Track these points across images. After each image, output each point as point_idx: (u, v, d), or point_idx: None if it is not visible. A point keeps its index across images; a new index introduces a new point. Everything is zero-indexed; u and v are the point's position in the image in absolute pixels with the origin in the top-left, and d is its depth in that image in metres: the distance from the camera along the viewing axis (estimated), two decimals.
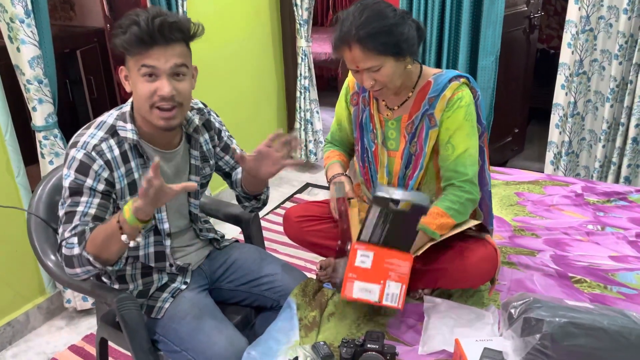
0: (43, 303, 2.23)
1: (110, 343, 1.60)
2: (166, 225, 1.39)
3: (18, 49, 1.85)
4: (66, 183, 1.26)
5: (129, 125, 1.30)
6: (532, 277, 1.65)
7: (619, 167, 2.66)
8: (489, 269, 1.44)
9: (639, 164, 2.61)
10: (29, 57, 1.86)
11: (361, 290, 1.35)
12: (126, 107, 1.33)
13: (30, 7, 1.83)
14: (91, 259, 1.20)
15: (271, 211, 3.12)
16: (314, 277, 1.57)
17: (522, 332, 1.18)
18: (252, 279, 1.53)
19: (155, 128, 1.30)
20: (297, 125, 3.50)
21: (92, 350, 2.07)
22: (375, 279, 1.35)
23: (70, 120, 3.46)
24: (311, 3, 3.21)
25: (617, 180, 2.67)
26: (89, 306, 2.24)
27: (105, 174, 1.26)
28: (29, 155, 2.17)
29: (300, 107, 3.44)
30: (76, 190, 1.25)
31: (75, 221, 1.24)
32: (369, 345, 1.27)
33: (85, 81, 3.55)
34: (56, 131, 2.02)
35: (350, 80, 1.60)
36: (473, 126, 1.45)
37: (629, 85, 2.50)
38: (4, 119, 1.98)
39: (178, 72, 1.25)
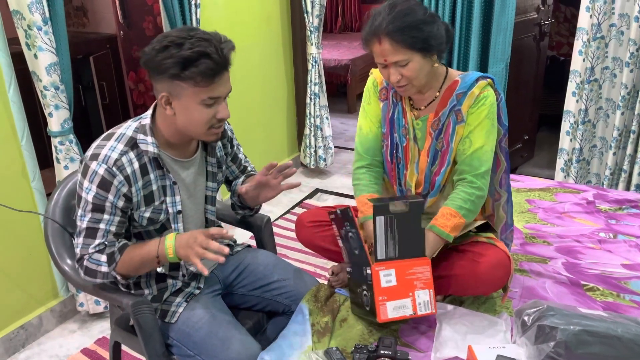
0: (56, 306, 2.25)
1: (123, 347, 1.61)
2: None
3: (35, 56, 1.88)
4: (88, 197, 1.26)
5: (150, 139, 1.30)
6: (544, 285, 1.65)
7: (630, 175, 2.65)
8: (501, 276, 1.44)
9: None
10: (46, 64, 1.89)
11: (395, 309, 1.36)
12: (145, 120, 1.32)
13: (47, 14, 1.86)
14: (118, 277, 1.32)
15: (281, 216, 3.13)
16: (324, 283, 1.57)
17: (535, 339, 1.18)
18: (264, 284, 1.54)
19: (178, 140, 1.33)
20: (306, 131, 3.52)
21: (104, 353, 2.08)
22: (404, 294, 1.36)
23: (82, 126, 3.50)
24: (322, 10, 3.23)
25: (627, 188, 2.66)
26: (102, 310, 2.26)
27: (124, 189, 1.27)
28: (42, 159, 2.20)
29: (310, 113, 3.46)
30: (98, 207, 1.26)
31: (99, 238, 1.28)
32: (381, 351, 1.28)
33: (98, 87, 3.59)
34: (71, 136, 2.05)
35: (376, 77, 1.61)
36: (493, 125, 1.47)
37: None
38: (20, 124, 2.01)
39: None
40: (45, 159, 2.35)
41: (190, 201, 1.43)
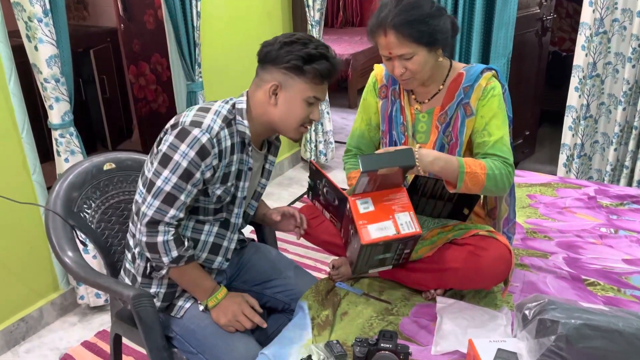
0: (57, 299, 2.25)
1: (123, 339, 1.61)
2: (240, 220, 1.44)
3: (36, 48, 1.88)
4: (182, 162, 1.25)
5: (246, 122, 1.34)
6: (545, 280, 1.65)
7: (632, 171, 2.65)
8: (502, 270, 1.43)
9: None
10: (46, 56, 1.89)
11: (377, 230, 1.34)
12: (242, 104, 1.36)
13: (48, 6, 1.85)
14: (164, 271, 1.37)
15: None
16: (325, 277, 1.57)
17: (536, 333, 1.18)
18: (265, 280, 1.55)
19: (262, 131, 1.39)
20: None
21: (105, 346, 2.09)
22: (384, 217, 1.36)
23: (83, 119, 3.49)
24: (323, 4, 3.22)
25: (629, 184, 2.66)
26: (102, 302, 2.27)
27: (215, 162, 1.29)
28: (42, 152, 2.19)
29: None
30: (188, 174, 1.26)
31: (175, 209, 1.28)
32: (382, 345, 1.27)
33: (98, 80, 3.59)
34: (72, 129, 2.04)
35: (377, 74, 1.61)
36: (505, 115, 1.47)
37: None
38: (21, 117, 2.00)
39: None
40: (45, 152, 2.35)
41: (249, 187, 1.46)
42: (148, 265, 1.38)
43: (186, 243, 1.33)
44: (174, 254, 1.30)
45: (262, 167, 1.50)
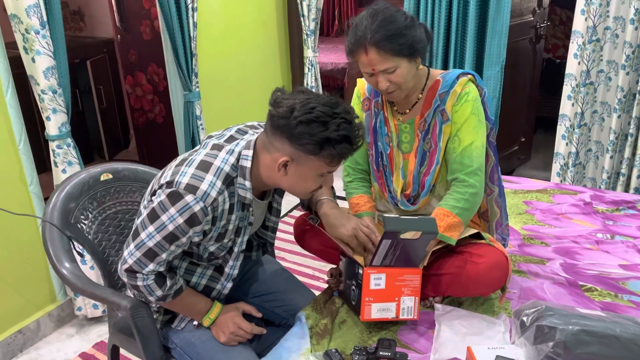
0: (54, 310, 2.24)
1: (121, 351, 1.60)
2: (235, 271, 1.39)
3: (33, 60, 1.88)
4: (169, 225, 1.19)
5: (248, 183, 1.25)
6: (543, 286, 1.65)
7: (629, 178, 2.66)
8: (500, 277, 1.44)
9: None
10: (43, 68, 1.89)
11: (379, 311, 1.39)
12: (246, 162, 1.24)
13: (45, 18, 1.86)
14: (161, 303, 1.33)
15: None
16: (324, 285, 1.57)
17: (534, 339, 1.18)
18: (265, 294, 1.55)
19: (269, 187, 1.32)
20: None
21: (103, 357, 2.08)
22: (391, 298, 1.39)
23: (79, 130, 3.50)
24: (318, 14, 3.24)
25: (626, 191, 2.67)
26: (100, 314, 2.26)
27: (207, 227, 1.23)
28: (40, 163, 2.19)
29: None
30: (173, 238, 1.21)
31: (155, 264, 1.24)
32: (381, 353, 1.28)
33: (95, 91, 3.59)
34: (69, 140, 2.05)
35: (360, 88, 1.62)
36: (480, 121, 1.48)
37: (637, 95, 2.51)
38: (18, 128, 2.00)
39: None
40: (42, 163, 2.35)
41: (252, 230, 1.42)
42: None
43: (168, 282, 1.28)
44: (158, 293, 1.28)
45: (269, 205, 1.45)
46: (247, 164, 1.24)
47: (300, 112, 1.15)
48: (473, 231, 1.52)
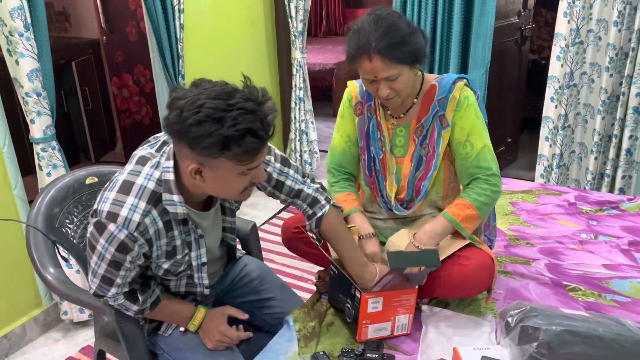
0: (39, 315, 2.22)
1: (108, 355, 1.59)
2: (205, 282, 1.36)
3: (17, 62, 1.86)
4: (105, 254, 1.16)
5: (176, 197, 1.16)
6: (528, 286, 1.67)
7: (613, 179, 2.69)
8: (485, 278, 1.45)
9: (632, 175, 2.65)
10: (27, 70, 1.87)
11: (375, 331, 1.42)
12: (168, 175, 1.15)
13: (29, 20, 1.84)
14: (140, 316, 1.32)
15: (267, 221, 3.13)
16: (312, 287, 1.57)
17: (519, 340, 1.20)
18: (255, 299, 1.54)
19: (204, 196, 1.24)
20: (292, 135, 3.52)
21: None
22: (387, 318, 1.41)
23: (65, 132, 3.46)
24: (306, 15, 3.24)
25: (611, 192, 2.70)
26: (86, 318, 2.24)
27: (145, 249, 1.18)
28: (24, 166, 2.17)
29: (295, 118, 3.46)
30: (115, 265, 1.18)
31: (115, 287, 1.22)
32: (368, 355, 1.28)
33: (81, 92, 3.56)
34: (54, 143, 2.03)
35: (351, 91, 1.61)
36: (484, 123, 1.50)
37: (621, 97, 2.54)
38: (2, 131, 1.98)
39: None
40: (27, 166, 2.32)
41: (209, 238, 1.36)
42: None
43: (141, 297, 1.26)
44: (134, 309, 1.27)
45: (222, 207, 1.37)
46: (170, 176, 1.14)
47: (189, 113, 1.01)
48: (466, 242, 1.51)
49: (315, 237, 1.47)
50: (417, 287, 1.41)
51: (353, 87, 1.61)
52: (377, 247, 1.52)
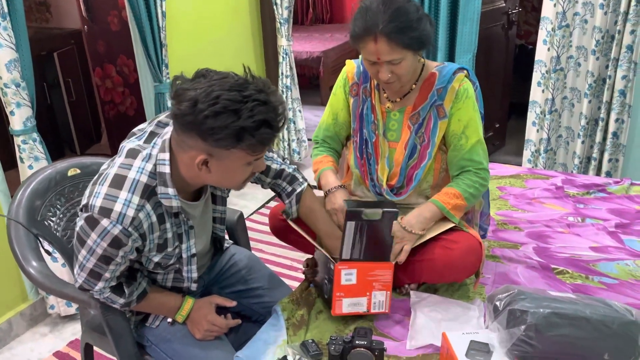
0: (26, 310, 2.19)
1: (95, 348, 1.58)
2: (194, 275, 1.35)
3: None
4: (96, 249, 1.14)
5: (171, 191, 1.15)
6: (516, 270, 1.67)
7: (600, 163, 2.71)
8: (473, 262, 1.45)
9: (618, 158, 2.66)
10: (5, 61, 1.83)
11: (350, 305, 1.41)
12: (164, 168, 1.14)
13: (6, 9, 1.80)
14: (127, 309, 1.31)
15: (256, 211, 3.11)
16: (301, 276, 1.56)
17: (507, 324, 1.20)
18: (243, 289, 1.53)
19: (198, 186, 1.24)
20: None
21: (77, 356, 2.04)
22: (362, 293, 1.40)
23: (49, 124, 3.41)
24: (291, 2, 3.21)
25: (598, 175, 2.71)
26: (73, 311, 2.22)
27: (138, 244, 1.17)
28: (8, 160, 2.13)
29: None
30: (106, 259, 1.16)
31: (102, 282, 1.21)
32: (357, 342, 1.28)
33: (64, 84, 3.50)
34: (35, 135, 1.99)
35: (348, 71, 1.59)
36: (480, 117, 1.51)
37: (607, 80, 2.55)
38: None
39: None
40: (10, 159, 2.27)
41: (199, 229, 1.34)
42: None
43: (127, 290, 1.24)
44: (121, 301, 1.26)
45: (212, 195, 1.37)
46: (166, 169, 1.14)
47: (205, 105, 1.02)
48: (451, 224, 1.51)
49: (286, 212, 1.51)
50: (393, 263, 1.41)
51: (350, 67, 1.59)
52: (344, 197, 1.52)
